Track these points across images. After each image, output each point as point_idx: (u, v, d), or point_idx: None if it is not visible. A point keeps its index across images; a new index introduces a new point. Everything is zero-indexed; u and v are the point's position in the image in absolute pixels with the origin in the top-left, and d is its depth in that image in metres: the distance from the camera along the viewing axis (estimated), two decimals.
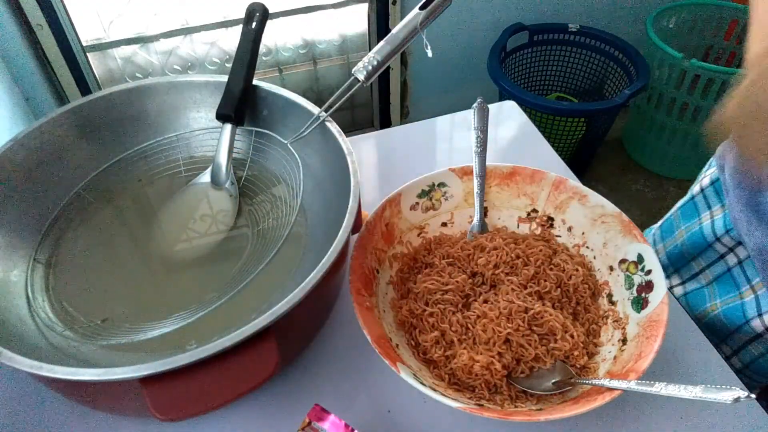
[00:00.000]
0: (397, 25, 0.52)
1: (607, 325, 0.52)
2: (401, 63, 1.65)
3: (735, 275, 0.59)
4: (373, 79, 0.52)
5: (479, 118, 0.58)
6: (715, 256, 0.61)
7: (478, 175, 0.59)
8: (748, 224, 0.52)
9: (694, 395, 0.38)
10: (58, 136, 0.55)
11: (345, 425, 0.42)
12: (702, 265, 0.63)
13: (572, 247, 0.58)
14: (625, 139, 1.93)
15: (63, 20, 1.27)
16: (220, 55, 1.52)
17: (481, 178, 0.59)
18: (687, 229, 0.64)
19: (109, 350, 0.46)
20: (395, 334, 0.51)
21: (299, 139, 0.56)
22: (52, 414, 0.49)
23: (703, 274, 0.63)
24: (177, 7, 1.39)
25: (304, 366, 0.52)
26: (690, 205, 0.65)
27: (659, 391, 0.40)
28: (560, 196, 0.59)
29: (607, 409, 0.49)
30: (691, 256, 0.64)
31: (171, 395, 0.37)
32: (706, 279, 0.63)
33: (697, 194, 0.64)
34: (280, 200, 0.58)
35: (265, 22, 0.58)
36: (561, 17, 1.70)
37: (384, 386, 0.51)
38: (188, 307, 0.48)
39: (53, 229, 0.54)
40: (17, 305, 0.48)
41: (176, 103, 0.60)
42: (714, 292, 0.61)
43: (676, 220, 0.67)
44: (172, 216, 0.57)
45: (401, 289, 0.56)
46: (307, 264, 0.51)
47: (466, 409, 0.43)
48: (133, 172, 0.60)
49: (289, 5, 1.46)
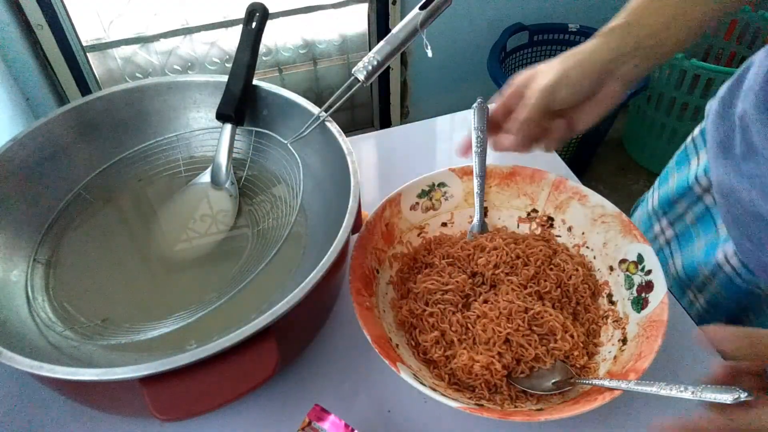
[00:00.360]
0: (397, 25, 0.51)
1: (607, 325, 0.52)
2: (401, 63, 1.65)
3: (714, 214, 0.61)
4: (373, 79, 0.52)
5: (479, 118, 0.58)
6: (693, 197, 0.63)
7: (478, 175, 0.59)
8: (716, 159, 0.56)
9: (694, 395, 0.38)
10: (58, 136, 0.55)
11: (345, 425, 0.42)
12: (684, 206, 0.65)
13: (572, 247, 0.58)
14: (625, 139, 1.93)
15: (63, 20, 1.27)
16: (220, 55, 1.52)
17: (481, 178, 0.59)
18: (679, 175, 0.67)
19: (109, 350, 0.46)
20: (395, 334, 0.51)
21: (299, 139, 0.56)
22: (52, 414, 0.49)
23: (687, 215, 0.65)
24: (177, 7, 1.39)
25: (304, 366, 0.52)
26: (682, 153, 0.68)
27: (659, 391, 0.40)
28: (560, 196, 0.59)
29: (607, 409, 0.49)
30: (676, 198, 0.66)
31: (171, 395, 0.37)
32: (689, 219, 0.65)
33: (689, 143, 0.67)
34: (280, 200, 0.58)
35: (265, 22, 0.58)
36: (561, 17, 1.70)
37: (384, 386, 0.51)
38: (188, 307, 0.48)
39: (53, 229, 0.54)
40: (17, 305, 0.48)
41: (176, 103, 0.60)
42: (698, 232, 0.64)
43: (671, 169, 0.70)
44: (172, 216, 0.57)
45: (401, 289, 0.56)
46: (307, 264, 0.51)
47: (466, 409, 0.43)
48: (133, 172, 0.60)
49: (289, 5, 1.46)
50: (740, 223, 0.53)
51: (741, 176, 0.52)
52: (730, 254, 0.57)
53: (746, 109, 0.50)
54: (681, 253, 0.66)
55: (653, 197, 0.71)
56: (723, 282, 0.59)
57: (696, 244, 0.64)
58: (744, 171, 0.51)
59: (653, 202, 0.71)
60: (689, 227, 0.65)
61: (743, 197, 0.51)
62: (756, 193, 0.49)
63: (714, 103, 0.59)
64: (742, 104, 0.52)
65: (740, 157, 0.52)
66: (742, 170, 0.52)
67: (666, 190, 0.68)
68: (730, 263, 0.57)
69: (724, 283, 0.59)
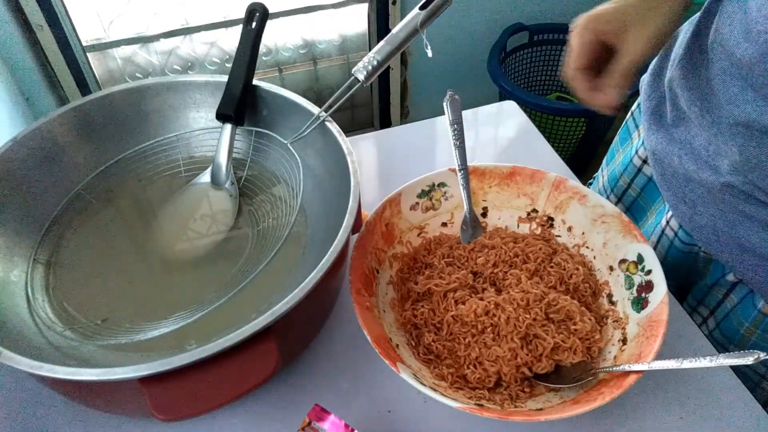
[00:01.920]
0: (397, 25, 0.51)
1: (607, 325, 0.52)
2: (401, 63, 1.65)
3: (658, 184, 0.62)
4: (373, 79, 0.52)
5: (452, 111, 0.58)
6: (634, 170, 0.65)
7: (461, 167, 0.59)
8: (649, 128, 0.58)
9: (716, 363, 0.40)
10: (58, 136, 0.55)
11: (345, 425, 0.42)
12: (627, 180, 0.67)
13: (572, 247, 0.58)
14: None
15: (63, 20, 1.27)
16: (220, 55, 1.52)
17: (464, 171, 0.59)
18: (623, 151, 0.69)
19: (109, 350, 0.46)
20: (395, 334, 0.51)
21: (299, 139, 0.56)
22: (52, 414, 0.49)
23: (631, 188, 0.67)
24: (177, 7, 1.38)
25: (304, 366, 0.52)
26: (624, 129, 0.70)
27: (680, 365, 0.42)
28: (560, 196, 0.59)
29: (606, 409, 0.49)
30: (620, 174, 0.68)
31: (171, 395, 0.37)
32: (634, 192, 0.67)
33: (628, 118, 0.69)
34: (280, 200, 0.58)
35: (265, 22, 0.58)
36: (561, 17, 1.70)
37: (384, 386, 0.51)
38: (188, 307, 0.48)
39: (53, 229, 0.54)
40: (17, 305, 0.48)
41: (176, 103, 0.60)
42: (646, 202, 0.66)
43: (615, 147, 0.72)
44: (172, 216, 0.57)
45: (401, 289, 0.56)
46: (307, 264, 0.51)
47: (466, 409, 0.43)
48: (133, 172, 0.60)
49: (289, 5, 1.46)
50: (673, 186, 0.55)
51: (672, 142, 0.54)
52: (670, 219, 0.59)
53: (673, 77, 0.53)
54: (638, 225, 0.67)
55: (602, 176, 0.73)
56: (666, 247, 0.61)
57: (648, 216, 0.66)
58: (675, 137, 0.54)
59: (603, 181, 0.73)
60: (638, 200, 0.67)
61: (675, 162, 0.54)
62: (686, 157, 0.52)
63: (646, 77, 0.61)
64: (670, 72, 0.54)
65: (671, 124, 0.55)
66: (673, 136, 0.54)
67: (612, 168, 0.70)
68: (671, 226, 0.59)
69: (667, 247, 0.61)
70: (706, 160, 0.49)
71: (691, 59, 0.50)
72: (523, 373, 0.48)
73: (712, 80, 0.46)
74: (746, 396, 0.50)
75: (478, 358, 0.49)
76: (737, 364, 0.39)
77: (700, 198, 0.52)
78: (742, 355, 0.39)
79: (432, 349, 0.51)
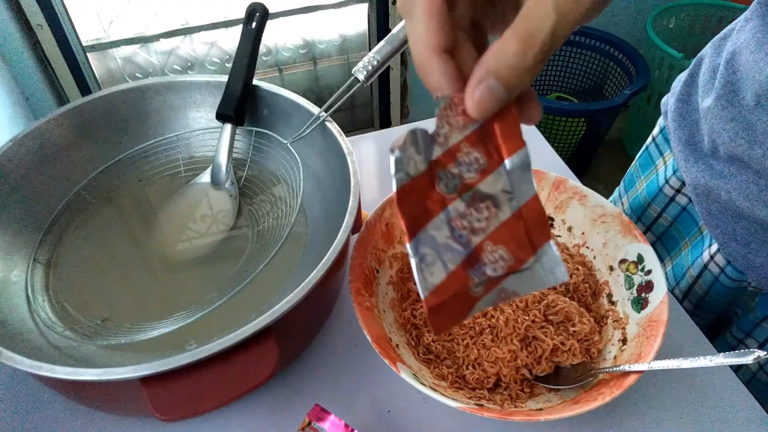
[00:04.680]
0: (397, 25, 0.51)
1: (607, 325, 0.52)
2: (401, 63, 1.65)
3: (693, 214, 0.60)
4: (373, 79, 0.52)
5: None
6: (665, 199, 0.62)
7: None
8: (685, 160, 0.54)
9: (716, 362, 0.40)
10: (58, 136, 0.55)
11: (345, 425, 0.42)
12: (657, 209, 0.64)
13: (572, 247, 0.58)
14: (625, 139, 1.93)
15: (63, 20, 1.27)
16: (220, 55, 1.52)
17: None
18: (646, 179, 0.66)
19: (109, 350, 0.46)
20: (395, 334, 0.51)
21: (299, 139, 0.56)
22: (52, 414, 0.49)
23: (662, 217, 0.64)
24: (177, 7, 1.39)
25: (304, 366, 0.52)
26: (645, 155, 0.67)
27: (680, 365, 0.42)
28: (560, 196, 0.59)
29: (606, 409, 0.49)
30: (647, 202, 0.65)
31: (171, 395, 0.37)
32: (666, 221, 0.64)
33: (650, 144, 0.66)
34: (280, 200, 0.58)
35: (265, 22, 0.58)
36: None
37: (384, 386, 0.51)
38: (188, 307, 0.48)
39: (53, 229, 0.54)
40: (17, 305, 0.48)
41: (176, 103, 0.60)
42: (680, 233, 0.63)
43: (636, 173, 0.68)
44: (172, 216, 0.57)
45: (401, 289, 0.56)
46: (307, 264, 0.51)
47: (466, 409, 0.43)
48: (133, 172, 0.60)
49: (289, 5, 1.46)
50: (722, 223, 0.51)
51: (715, 175, 0.50)
52: (715, 254, 0.56)
53: (709, 106, 0.49)
54: (670, 257, 0.65)
55: (622, 203, 0.70)
56: (709, 282, 0.58)
57: (681, 247, 0.63)
58: (716, 169, 0.49)
59: (624, 208, 0.69)
60: (670, 230, 0.64)
61: (721, 197, 0.49)
62: (735, 192, 0.48)
63: (671, 101, 0.58)
64: (702, 99, 0.51)
65: (709, 155, 0.50)
66: (714, 169, 0.50)
67: (635, 195, 0.67)
68: (716, 262, 0.56)
69: (710, 283, 0.58)
70: (758, 196, 0.45)
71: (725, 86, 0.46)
72: (523, 375, 0.48)
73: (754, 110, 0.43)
74: (746, 396, 0.50)
75: (477, 359, 0.49)
76: (737, 363, 0.39)
77: (754, 236, 0.48)
78: (741, 355, 0.39)
79: (432, 349, 0.51)
